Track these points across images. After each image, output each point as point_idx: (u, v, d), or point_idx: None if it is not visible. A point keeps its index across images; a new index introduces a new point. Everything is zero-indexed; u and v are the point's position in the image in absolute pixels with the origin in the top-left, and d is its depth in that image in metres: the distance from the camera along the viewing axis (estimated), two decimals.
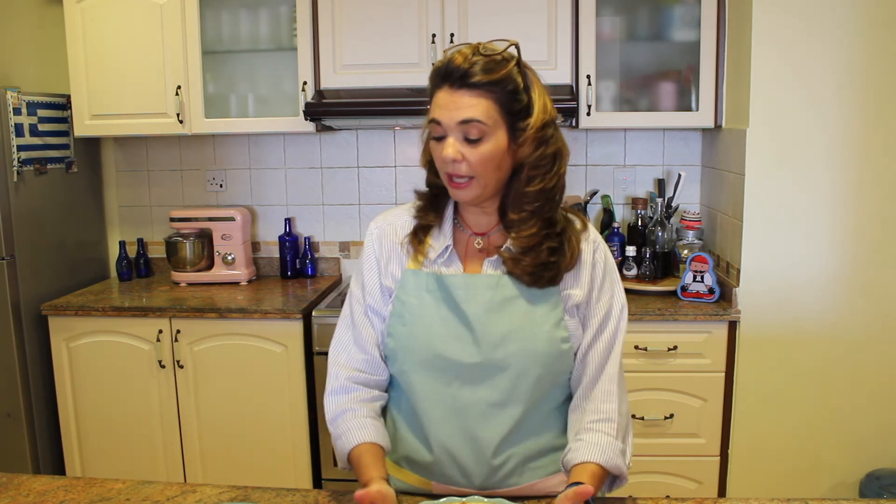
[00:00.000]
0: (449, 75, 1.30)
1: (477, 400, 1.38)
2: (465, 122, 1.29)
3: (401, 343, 1.40)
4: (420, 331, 1.39)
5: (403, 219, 1.47)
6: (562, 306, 1.39)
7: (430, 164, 1.42)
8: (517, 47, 1.34)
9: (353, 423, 1.39)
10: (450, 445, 1.41)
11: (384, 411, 1.51)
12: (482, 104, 1.29)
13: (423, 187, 1.48)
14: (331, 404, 1.44)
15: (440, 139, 1.33)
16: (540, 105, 1.34)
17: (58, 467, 3.18)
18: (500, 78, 1.30)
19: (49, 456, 3.17)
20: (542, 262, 1.35)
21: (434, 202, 1.45)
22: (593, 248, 1.43)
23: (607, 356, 1.41)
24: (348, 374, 1.45)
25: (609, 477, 1.38)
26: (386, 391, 1.50)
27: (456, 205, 1.45)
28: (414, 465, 1.46)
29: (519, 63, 1.34)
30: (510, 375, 1.37)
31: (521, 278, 1.37)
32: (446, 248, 1.42)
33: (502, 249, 1.39)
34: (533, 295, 1.38)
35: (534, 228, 1.35)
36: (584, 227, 1.43)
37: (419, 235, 1.43)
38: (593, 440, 1.35)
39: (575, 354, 1.42)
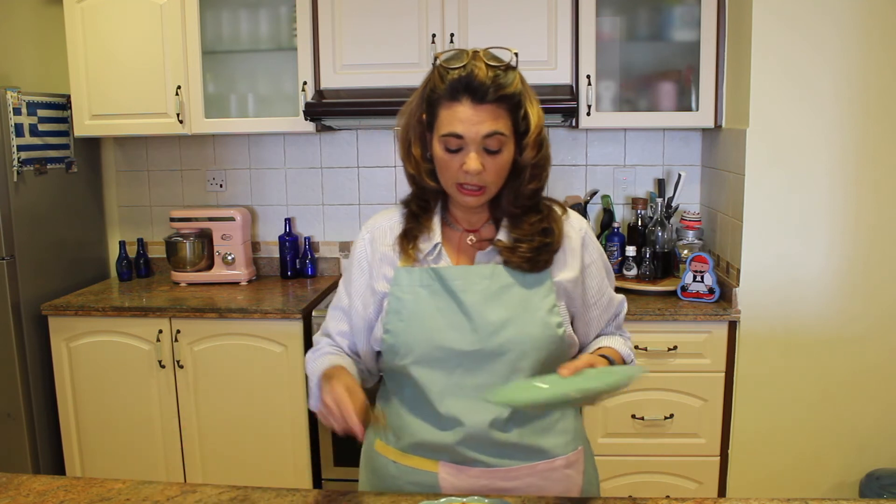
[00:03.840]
0: (473, 90, 1.33)
1: (478, 385, 1.42)
2: (489, 135, 1.34)
3: (399, 339, 1.44)
4: (417, 325, 1.43)
5: (394, 220, 1.52)
6: (554, 293, 1.45)
7: (417, 168, 1.45)
8: (515, 55, 1.39)
9: (326, 359, 1.50)
10: (452, 422, 1.43)
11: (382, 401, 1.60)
12: (502, 117, 1.35)
13: (399, 201, 1.55)
14: (309, 359, 1.56)
15: (455, 151, 1.36)
16: (536, 110, 1.40)
17: (58, 467, 3.18)
18: (513, 91, 1.35)
19: (49, 456, 3.17)
20: (537, 247, 1.43)
21: (423, 205, 1.50)
22: (581, 235, 1.51)
23: (613, 316, 1.59)
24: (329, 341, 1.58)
25: None
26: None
27: (444, 203, 1.50)
28: (422, 449, 1.47)
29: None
30: (508, 360, 1.41)
31: (519, 266, 1.43)
32: (435, 246, 1.47)
33: (496, 241, 1.45)
34: (527, 283, 1.44)
35: (532, 218, 1.45)
36: (564, 211, 1.51)
37: (409, 236, 1.48)
38: (614, 340, 1.55)
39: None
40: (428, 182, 1.45)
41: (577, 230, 1.51)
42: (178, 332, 3.00)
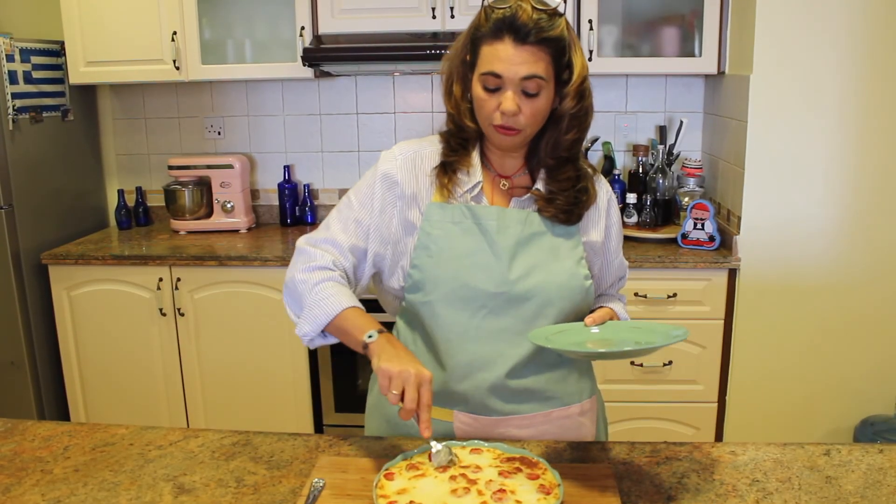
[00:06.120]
0: (515, 30, 1.32)
1: (500, 329, 1.43)
2: (528, 77, 1.33)
3: (427, 275, 1.43)
4: (447, 262, 1.42)
5: (429, 150, 1.50)
6: (582, 246, 1.48)
7: (457, 107, 1.44)
8: (564, 2, 1.37)
9: (342, 293, 1.40)
10: (469, 369, 1.43)
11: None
12: (543, 60, 1.33)
13: (437, 132, 1.52)
14: (307, 279, 1.43)
15: (493, 90, 1.36)
16: (580, 60, 1.39)
17: (62, 415, 3.22)
18: (558, 35, 1.34)
19: (53, 404, 3.20)
20: (573, 201, 1.45)
21: (461, 143, 1.47)
22: (607, 197, 1.54)
23: (618, 278, 1.63)
24: (329, 259, 1.46)
25: None
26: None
27: (482, 146, 1.49)
28: (438, 399, 1.44)
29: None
30: (533, 306, 1.42)
31: (555, 217, 1.45)
32: (476, 184, 1.46)
33: (533, 190, 1.46)
34: (557, 233, 1.46)
35: (569, 172, 1.45)
36: (595, 171, 1.53)
37: (448, 170, 1.46)
38: (615, 303, 1.58)
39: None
40: (467, 122, 1.44)
41: (605, 191, 1.53)
42: (179, 280, 3.01)
